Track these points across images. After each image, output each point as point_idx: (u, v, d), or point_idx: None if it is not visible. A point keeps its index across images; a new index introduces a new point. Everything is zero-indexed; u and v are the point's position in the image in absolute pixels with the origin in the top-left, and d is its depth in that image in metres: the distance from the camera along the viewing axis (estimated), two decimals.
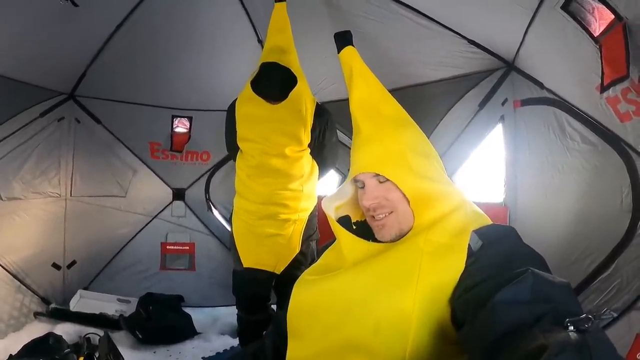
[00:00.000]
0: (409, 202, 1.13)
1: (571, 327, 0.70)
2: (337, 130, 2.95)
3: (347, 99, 3.70)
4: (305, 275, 1.26)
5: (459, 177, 3.40)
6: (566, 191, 2.59)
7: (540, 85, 2.76)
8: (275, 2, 2.77)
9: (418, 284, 0.98)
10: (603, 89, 2.08)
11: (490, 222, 1.13)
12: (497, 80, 3.14)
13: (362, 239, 1.18)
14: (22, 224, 3.54)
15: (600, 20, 2.02)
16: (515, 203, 3.09)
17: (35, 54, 3.05)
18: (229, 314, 3.90)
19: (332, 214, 1.28)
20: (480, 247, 1.00)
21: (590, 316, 0.71)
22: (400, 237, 1.14)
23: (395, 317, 0.97)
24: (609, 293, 2.25)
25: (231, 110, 2.72)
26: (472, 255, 0.99)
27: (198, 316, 3.96)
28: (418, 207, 1.13)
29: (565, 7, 2.15)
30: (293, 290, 1.23)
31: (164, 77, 3.80)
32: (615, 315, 0.74)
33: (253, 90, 2.58)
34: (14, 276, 3.48)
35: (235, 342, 3.60)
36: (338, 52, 1.54)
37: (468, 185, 3.49)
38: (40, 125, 3.57)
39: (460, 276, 0.97)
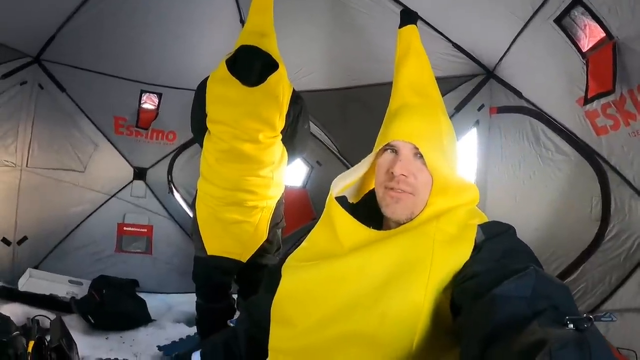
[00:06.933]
0: (429, 189, 1.12)
1: (571, 325, 0.71)
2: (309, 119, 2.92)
3: (322, 90, 3.70)
4: (293, 262, 1.19)
5: None
6: (537, 197, 2.69)
7: (519, 95, 2.84)
8: None
9: (430, 274, 0.96)
10: (586, 101, 2.16)
11: (487, 218, 1.12)
12: (475, 86, 3.21)
13: (364, 226, 1.13)
14: None
15: (590, 36, 2.12)
16: (484, 205, 3.14)
17: (2, 9, 2.85)
18: (184, 302, 3.83)
19: (334, 193, 1.22)
20: (483, 241, 1.01)
21: (590, 317, 0.72)
22: (407, 221, 1.11)
23: (405, 307, 0.95)
24: (574, 296, 2.35)
25: (201, 89, 2.63)
26: (475, 248, 0.99)
27: (152, 302, 3.82)
28: (438, 193, 1.11)
29: (558, 21, 2.23)
30: (282, 276, 1.17)
31: (137, 49, 3.64)
32: (615, 318, 0.75)
33: (229, 71, 2.51)
34: None
35: (190, 331, 3.52)
36: (400, 27, 1.51)
37: None
38: (0, 88, 3.35)
39: (463, 266, 0.97)
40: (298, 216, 3.94)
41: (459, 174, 1.19)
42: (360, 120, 3.50)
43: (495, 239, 1.01)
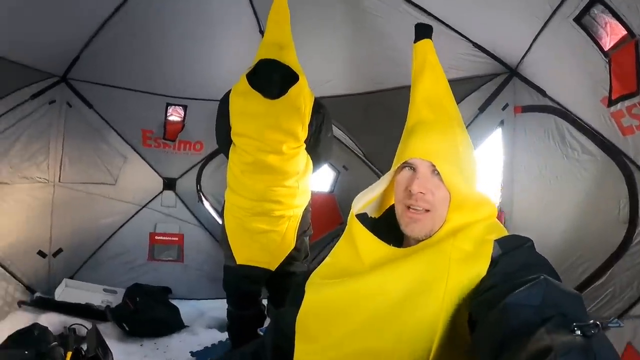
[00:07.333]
0: (447, 205, 1.13)
1: (578, 332, 0.71)
2: (332, 126, 2.94)
3: (345, 95, 3.71)
4: (317, 278, 1.22)
5: None
6: (564, 198, 2.63)
7: (543, 93, 2.77)
8: None
9: (446, 291, 0.97)
10: (611, 102, 2.10)
11: (506, 232, 1.13)
12: (498, 85, 3.16)
13: (384, 243, 1.15)
14: (8, 210, 3.43)
15: (611, 35, 2.05)
16: (511, 207, 3.10)
17: (29, 33, 2.94)
18: (216, 308, 3.87)
19: (355, 211, 1.24)
20: (500, 255, 1.01)
21: (597, 323, 0.72)
22: (426, 238, 1.13)
23: (422, 324, 0.97)
24: (601, 301, 2.30)
25: (224, 102, 2.67)
26: (492, 263, 1.00)
27: (184, 309, 3.91)
28: (455, 210, 1.12)
29: (577, 20, 2.17)
30: (306, 292, 1.19)
31: (160, 63, 3.73)
32: (622, 324, 0.74)
33: (250, 85, 2.55)
34: None
35: (222, 336, 3.58)
36: (415, 42, 1.51)
37: None
38: (30, 108, 3.45)
39: (480, 280, 0.98)
40: (326, 221, 3.96)
41: (476, 188, 1.20)
42: (385, 123, 3.48)
43: (512, 253, 1.02)
